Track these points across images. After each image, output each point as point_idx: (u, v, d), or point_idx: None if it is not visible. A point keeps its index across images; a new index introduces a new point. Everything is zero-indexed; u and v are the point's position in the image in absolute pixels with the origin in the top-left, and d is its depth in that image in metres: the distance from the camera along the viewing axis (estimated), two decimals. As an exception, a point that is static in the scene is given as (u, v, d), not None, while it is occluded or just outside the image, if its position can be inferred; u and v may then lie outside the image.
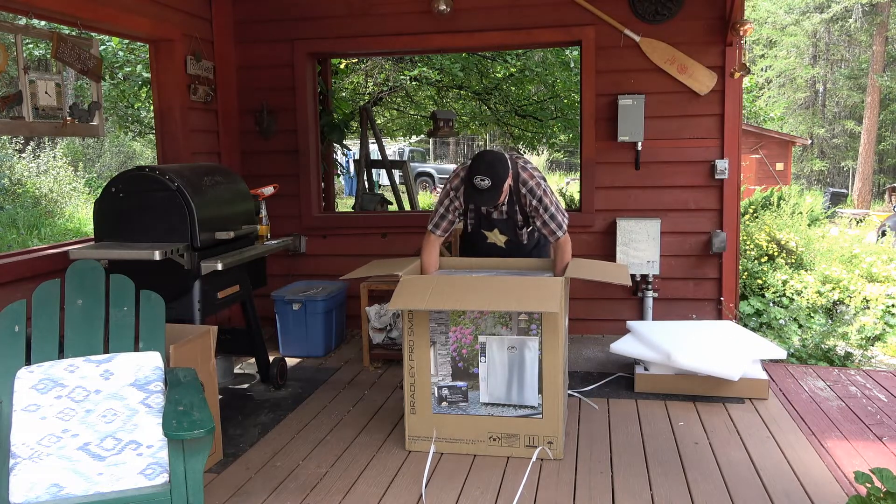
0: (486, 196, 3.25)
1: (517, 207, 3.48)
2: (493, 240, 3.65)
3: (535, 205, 3.42)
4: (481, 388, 3.16)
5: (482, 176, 3.20)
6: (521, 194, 3.43)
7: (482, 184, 3.21)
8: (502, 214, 3.53)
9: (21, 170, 14.34)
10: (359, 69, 10.71)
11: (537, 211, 3.43)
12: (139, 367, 2.39)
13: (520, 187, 3.42)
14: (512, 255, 3.65)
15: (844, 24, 25.86)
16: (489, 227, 3.61)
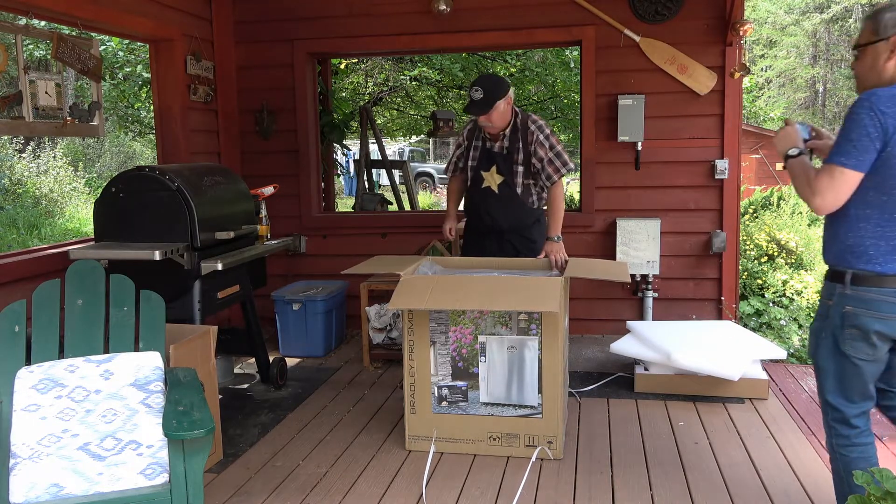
0: (477, 106, 3.51)
1: (520, 145, 3.63)
2: (488, 182, 3.72)
3: (541, 140, 3.62)
4: (481, 388, 3.16)
5: (476, 87, 3.52)
6: (528, 130, 3.63)
7: (475, 94, 3.51)
8: (503, 149, 3.67)
9: (21, 170, 14.34)
10: (359, 69, 10.71)
11: (543, 146, 3.62)
12: (139, 367, 2.39)
13: (529, 124, 3.64)
14: (503, 205, 3.71)
15: (844, 24, 25.87)
16: (488, 166, 3.70)
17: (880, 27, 2.12)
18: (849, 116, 2.05)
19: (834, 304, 2.17)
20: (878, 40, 2.11)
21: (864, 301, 2.11)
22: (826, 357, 2.22)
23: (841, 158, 2.03)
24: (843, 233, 2.14)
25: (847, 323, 2.14)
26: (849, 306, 2.13)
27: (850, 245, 2.12)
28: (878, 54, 2.13)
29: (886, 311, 2.10)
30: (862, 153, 2.01)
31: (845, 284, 2.14)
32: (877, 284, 2.10)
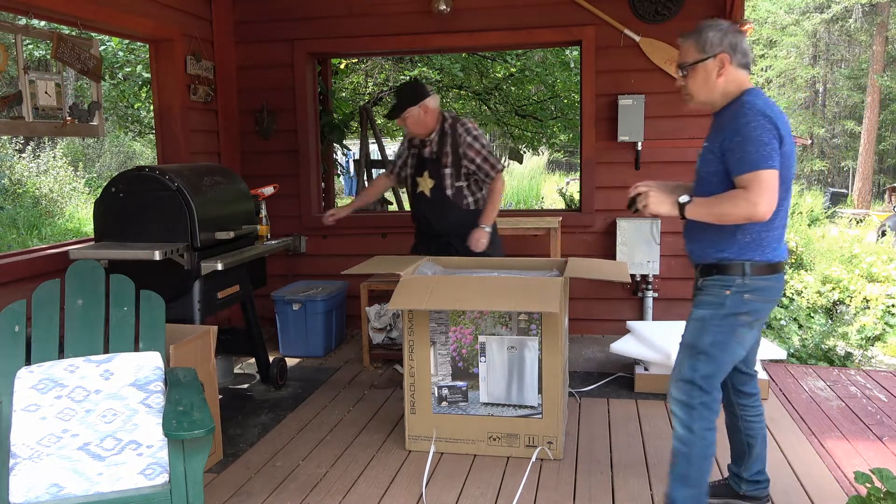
0: (390, 112, 3.78)
1: (448, 149, 3.70)
2: (422, 187, 3.81)
3: (469, 141, 3.70)
4: (481, 388, 3.16)
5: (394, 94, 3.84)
6: (457, 133, 3.71)
7: (392, 101, 3.80)
8: (433, 154, 3.75)
9: (21, 170, 14.33)
10: (359, 69, 10.70)
11: (472, 147, 3.69)
12: (139, 367, 2.39)
13: (457, 127, 3.72)
14: (437, 208, 3.79)
15: (844, 24, 25.87)
16: (420, 171, 3.81)
17: (706, 45, 2.30)
18: (747, 125, 2.18)
19: (732, 293, 2.30)
20: (707, 58, 2.30)
21: (759, 289, 2.30)
22: (712, 343, 2.33)
23: (769, 162, 2.15)
24: (739, 231, 2.28)
25: (743, 310, 2.30)
26: (748, 294, 2.29)
27: (749, 241, 2.28)
28: (708, 71, 2.31)
29: (772, 296, 2.33)
30: (776, 154, 2.17)
31: (745, 275, 2.29)
32: (769, 272, 2.30)
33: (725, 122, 2.28)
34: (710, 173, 2.31)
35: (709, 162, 2.33)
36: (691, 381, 2.35)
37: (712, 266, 2.35)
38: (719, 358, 2.34)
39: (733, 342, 2.33)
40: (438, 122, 3.74)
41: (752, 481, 2.63)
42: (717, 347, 2.33)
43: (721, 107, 2.35)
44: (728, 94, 2.31)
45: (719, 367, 2.35)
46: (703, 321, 2.35)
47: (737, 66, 2.29)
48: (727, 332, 2.32)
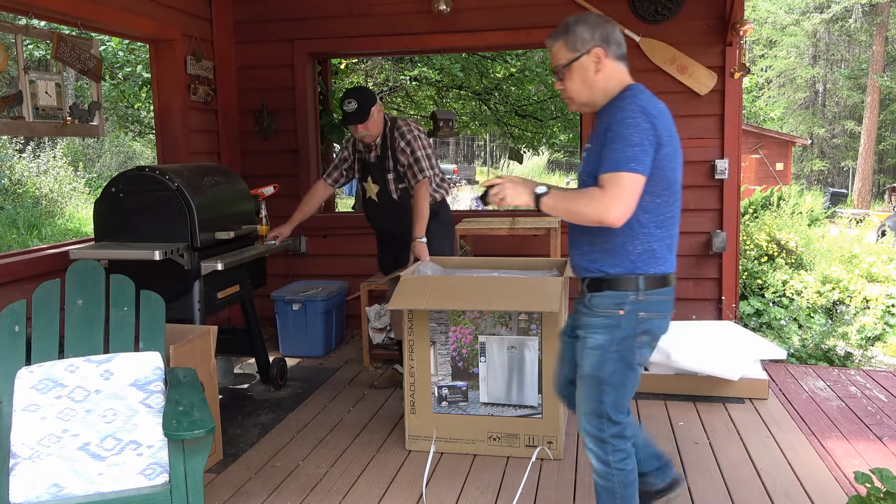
0: (353, 117, 3.64)
1: (389, 152, 3.74)
2: (370, 192, 3.86)
3: (402, 146, 3.72)
4: (481, 388, 3.16)
5: (349, 99, 3.64)
6: (393, 137, 3.75)
7: (349, 106, 3.63)
8: (377, 158, 3.79)
9: (21, 170, 14.34)
10: (359, 69, 10.70)
11: (404, 152, 3.71)
12: (139, 367, 2.39)
13: (394, 131, 3.75)
14: (385, 212, 3.86)
15: (844, 24, 25.88)
16: (366, 176, 3.85)
17: (577, 42, 2.10)
18: (622, 122, 2.00)
19: (626, 312, 2.10)
20: (580, 55, 2.10)
21: (654, 304, 2.11)
22: (614, 371, 2.13)
23: (631, 164, 1.96)
24: (629, 242, 2.08)
25: (640, 330, 2.11)
26: (642, 312, 2.10)
27: (640, 252, 2.08)
28: (584, 69, 2.11)
29: (667, 310, 2.15)
30: (645, 157, 1.98)
31: (639, 290, 2.09)
32: (662, 285, 2.12)
33: (606, 120, 2.08)
34: (588, 174, 2.11)
35: (589, 164, 2.12)
36: (599, 414, 2.16)
37: (602, 281, 2.13)
38: (623, 384, 2.15)
39: (635, 366, 2.15)
40: (384, 124, 3.78)
41: (656, 473, 2.39)
42: (619, 375, 2.13)
43: (602, 106, 2.15)
44: (609, 91, 2.11)
45: (624, 392, 2.16)
46: (603, 349, 2.12)
47: (614, 59, 2.11)
48: (628, 357, 2.13)
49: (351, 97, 3.67)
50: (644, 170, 1.97)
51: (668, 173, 2.04)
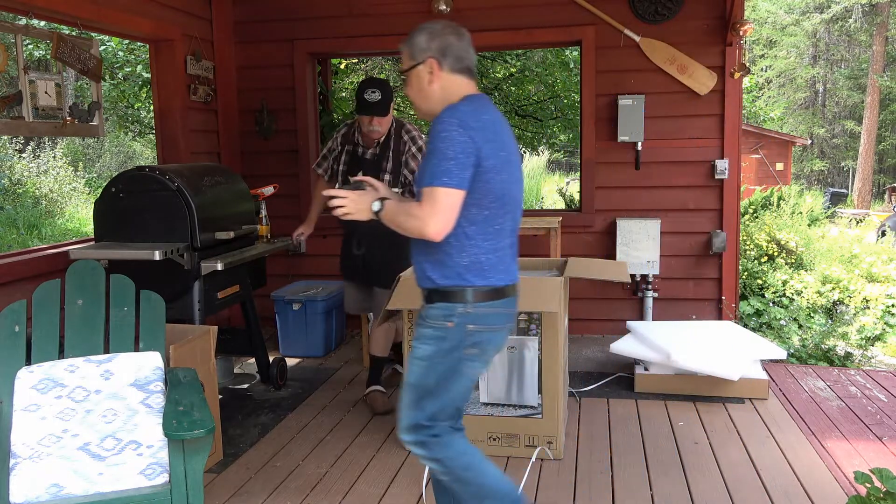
0: (377, 107, 3.47)
1: (390, 153, 3.58)
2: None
3: (414, 152, 3.58)
4: (481, 388, 3.16)
5: (373, 88, 3.47)
6: (402, 140, 3.60)
7: (372, 95, 3.46)
8: (374, 156, 3.64)
9: (21, 170, 14.34)
10: (359, 69, 10.70)
11: (416, 158, 3.57)
12: (139, 367, 2.39)
13: (402, 133, 3.60)
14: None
15: (844, 24, 25.87)
16: (354, 171, 3.59)
17: (415, 51, 2.12)
18: (437, 135, 1.98)
19: (454, 325, 2.07)
20: (417, 64, 2.11)
21: (483, 317, 2.08)
22: (438, 382, 2.09)
23: (444, 179, 1.95)
24: (456, 253, 2.06)
25: (468, 343, 2.08)
26: (471, 325, 2.07)
27: (467, 264, 2.06)
28: (420, 78, 2.12)
29: (500, 323, 2.12)
30: (462, 171, 1.96)
31: (466, 303, 2.06)
32: (493, 298, 2.08)
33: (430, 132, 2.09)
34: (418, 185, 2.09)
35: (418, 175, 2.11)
36: (417, 425, 2.12)
37: (434, 292, 2.10)
38: (446, 396, 2.10)
39: (462, 378, 2.11)
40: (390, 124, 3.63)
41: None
42: (443, 386, 2.09)
43: None
44: (449, 101, 2.08)
45: (446, 403, 2.11)
46: (429, 360, 2.09)
47: (450, 72, 2.10)
48: (453, 369, 2.08)
49: (375, 87, 3.48)
50: (459, 183, 1.96)
51: (494, 186, 2.03)
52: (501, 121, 2.12)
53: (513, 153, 2.12)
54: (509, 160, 2.08)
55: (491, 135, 2.02)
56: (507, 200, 2.07)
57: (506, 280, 2.11)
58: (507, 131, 2.12)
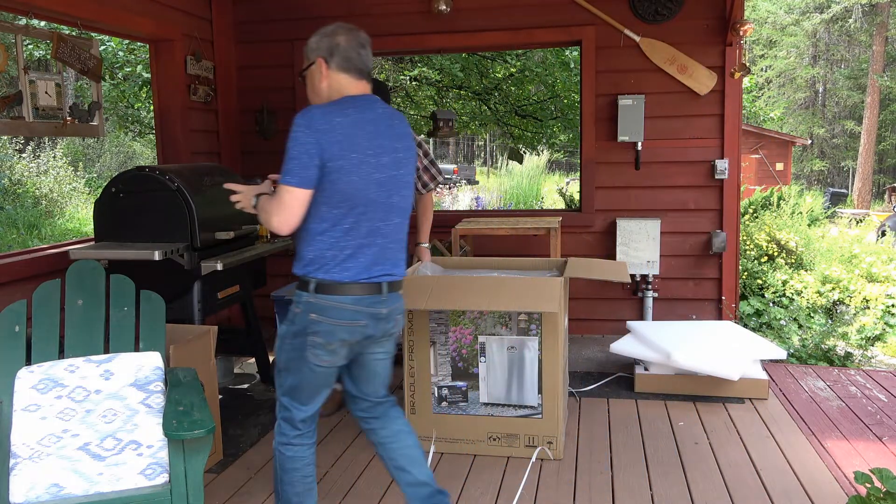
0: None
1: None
2: None
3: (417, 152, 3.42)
4: (481, 388, 3.16)
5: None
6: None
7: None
8: None
9: (21, 170, 14.34)
10: (359, 69, 10.68)
11: (419, 157, 3.44)
12: (139, 367, 2.39)
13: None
14: None
15: (844, 24, 25.88)
16: None
17: (309, 52, 2.25)
18: (289, 135, 2.08)
19: (301, 311, 2.20)
20: (310, 64, 2.23)
21: (325, 308, 2.16)
22: (288, 360, 2.24)
23: (286, 178, 2.07)
24: (305, 247, 2.18)
25: (310, 330, 2.18)
26: (313, 314, 2.17)
27: (312, 258, 2.16)
28: (313, 77, 2.24)
29: (345, 318, 2.18)
30: (304, 170, 2.06)
31: (310, 293, 2.17)
32: (335, 292, 2.16)
33: None
34: None
35: None
36: (280, 397, 2.31)
37: (296, 277, 2.25)
38: (294, 377, 2.25)
39: (309, 361, 2.21)
40: None
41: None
42: (292, 365, 2.24)
43: None
44: (332, 99, 2.20)
45: (300, 384, 2.25)
46: (281, 338, 2.27)
47: (338, 71, 2.20)
48: (299, 351, 2.21)
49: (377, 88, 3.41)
50: (301, 182, 2.06)
51: (342, 186, 2.10)
52: (363, 122, 2.14)
53: (372, 155, 2.15)
54: (364, 162, 2.13)
55: (340, 136, 2.08)
56: (357, 202, 2.14)
57: (352, 277, 2.17)
58: (368, 133, 2.15)
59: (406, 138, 2.28)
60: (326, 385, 2.30)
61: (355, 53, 2.21)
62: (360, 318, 2.20)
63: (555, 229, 4.30)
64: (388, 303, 2.25)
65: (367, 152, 2.13)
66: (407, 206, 2.28)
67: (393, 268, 2.26)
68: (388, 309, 2.26)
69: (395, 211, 2.23)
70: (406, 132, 2.30)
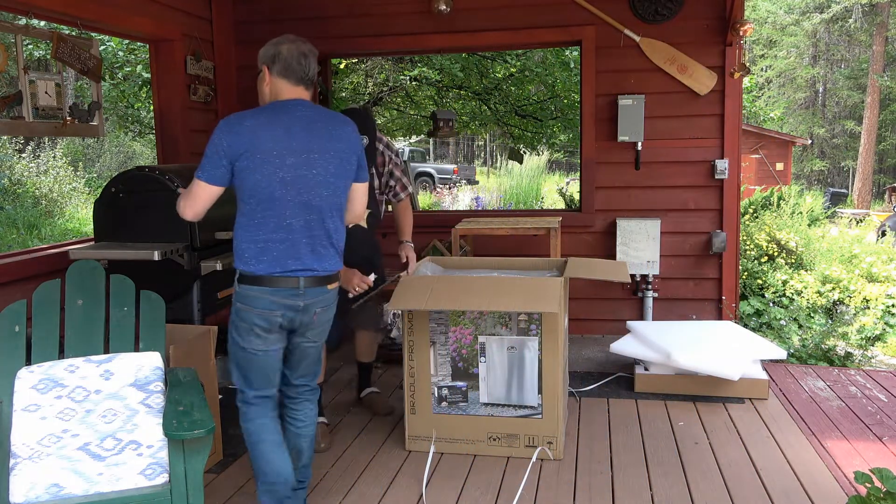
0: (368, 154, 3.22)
1: (374, 169, 3.44)
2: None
3: (394, 159, 3.48)
4: (481, 389, 3.16)
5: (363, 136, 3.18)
6: (378, 151, 3.44)
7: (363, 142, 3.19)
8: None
9: (21, 170, 14.34)
10: (359, 69, 10.71)
11: (398, 165, 3.49)
12: (139, 368, 2.39)
13: (377, 144, 3.43)
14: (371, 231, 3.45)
15: (844, 24, 25.88)
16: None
17: (259, 60, 2.45)
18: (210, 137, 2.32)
19: (234, 298, 2.43)
20: (259, 71, 2.45)
21: (246, 298, 2.37)
22: (231, 346, 2.48)
23: (198, 172, 2.30)
24: (233, 240, 2.41)
25: (239, 316, 2.41)
26: (239, 302, 2.40)
27: (236, 249, 2.39)
28: (261, 82, 2.45)
29: (262, 307, 2.36)
30: (213, 168, 2.28)
31: (237, 283, 2.40)
32: (252, 283, 2.36)
33: None
34: None
35: None
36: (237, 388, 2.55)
37: None
38: (237, 361, 2.48)
39: (241, 349, 2.44)
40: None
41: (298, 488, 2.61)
42: (232, 353, 2.48)
43: None
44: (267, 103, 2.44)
45: (245, 368, 2.48)
46: (228, 325, 2.49)
47: (277, 77, 2.39)
48: (235, 335, 2.44)
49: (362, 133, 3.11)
50: (208, 178, 2.29)
51: (249, 184, 2.29)
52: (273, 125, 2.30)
53: (277, 156, 2.29)
54: (267, 161, 2.28)
55: (247, 138, 2.27)
56: (264, 198, 2.31)
57: (266, 271, 2.35)
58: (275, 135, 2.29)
59: (334, 140, 2.39)
60: (271, 368, 2.48)
61: (296, 62, 2.38)
62: (276, 309, 2.37)
63: (555, 229, 4.30)
64: (306, 297, 2.39)
65: (272, 153, 2.28)
66: (326, 204, 2.38)
67: (313, 263, 2.39)
68: (306, 302, 2.40)
69: (309, 209, 2.35)
70: (338, 135, 2.41)
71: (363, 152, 2.52)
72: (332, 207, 2.40)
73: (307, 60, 2.41)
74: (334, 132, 2.40)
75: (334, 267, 2.46)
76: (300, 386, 2.63)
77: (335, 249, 2.46)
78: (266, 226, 2.32)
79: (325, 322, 2.54)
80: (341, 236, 2.49)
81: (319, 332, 2.55)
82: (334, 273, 2.47)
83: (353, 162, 2.46)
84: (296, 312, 2.40)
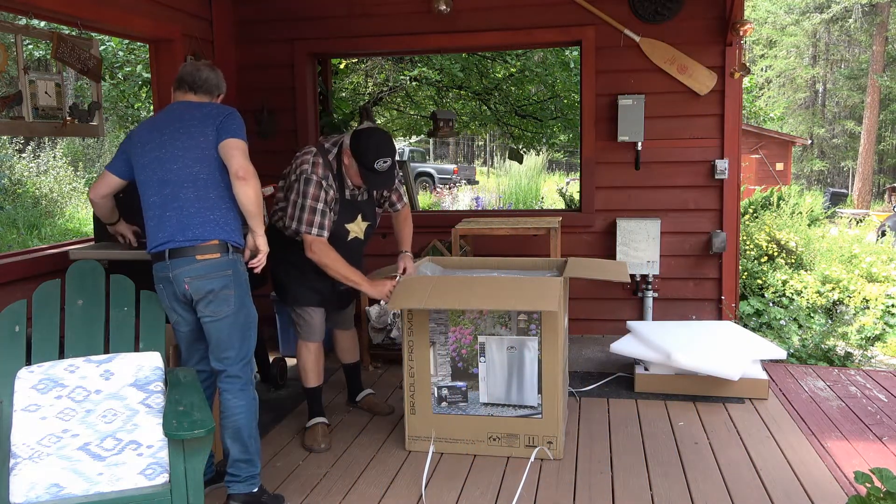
0: (387, 176, 3.15)
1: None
2: (354, 233, 3.34)
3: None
4: (481, 389, 3.16)
5: (385, 158, 3.09)
6: None
7: (383, 165, 3.10)
8: (364, 194, 3.34)
9: (21, 170, 14.34)
10: (359, 69, 10.71)
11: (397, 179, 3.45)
12: (139, 368, 2.39)
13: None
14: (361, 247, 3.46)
15: (844, 24, 25.89)
16: (352, 217, 3.30)
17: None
18: None
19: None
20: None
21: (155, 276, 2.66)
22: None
23: (109, 165, 2.78)
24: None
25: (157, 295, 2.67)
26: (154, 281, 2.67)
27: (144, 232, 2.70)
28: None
29: (158, 282, 2.65)
30: (116, 161, 2.75)
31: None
32: (153, 259, 2.64)
33: None
34: None
35: None
36: None
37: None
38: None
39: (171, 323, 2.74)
40: None
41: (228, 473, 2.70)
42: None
43: None
44: None
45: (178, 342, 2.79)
46: None
47: (175, 90, 2.79)
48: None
49: (388, 156, 3.09)
50: (111, 168, 2.77)
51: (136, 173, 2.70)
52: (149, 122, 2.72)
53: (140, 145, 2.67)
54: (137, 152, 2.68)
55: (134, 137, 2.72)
56: (140, 183, 2.68)
57: (150, 248, 2.64)
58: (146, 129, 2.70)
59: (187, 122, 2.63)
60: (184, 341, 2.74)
61: (187, 75, 2.77)
62: (158, 283, 2.65)
63: (555, 229, 4.30)
64: (172, 267, 2.57)
65: (140, 143, 2.67)
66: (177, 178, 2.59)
67: (176, 234, 2.57)
68: (174, 273, 2.57)
69: (165, 184, 2.60)
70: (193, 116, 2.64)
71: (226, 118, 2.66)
72: (186, 179, 2.59)
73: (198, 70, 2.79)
74: (194, 115, 2.65)
75: (208, 235, 2.57)
76: (220, 372, 2.68)
77: (202, 218, 2.57)
78: (147, 206, 2.65)
79: (207, 293, 2.56)
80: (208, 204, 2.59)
81: (212, 306, 2.58)
82: (207, 242, 2.56)
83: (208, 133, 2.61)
84: (168, 283, 2.61)
